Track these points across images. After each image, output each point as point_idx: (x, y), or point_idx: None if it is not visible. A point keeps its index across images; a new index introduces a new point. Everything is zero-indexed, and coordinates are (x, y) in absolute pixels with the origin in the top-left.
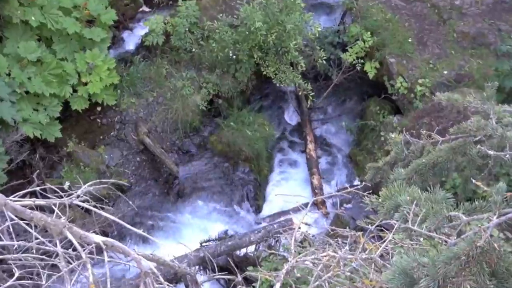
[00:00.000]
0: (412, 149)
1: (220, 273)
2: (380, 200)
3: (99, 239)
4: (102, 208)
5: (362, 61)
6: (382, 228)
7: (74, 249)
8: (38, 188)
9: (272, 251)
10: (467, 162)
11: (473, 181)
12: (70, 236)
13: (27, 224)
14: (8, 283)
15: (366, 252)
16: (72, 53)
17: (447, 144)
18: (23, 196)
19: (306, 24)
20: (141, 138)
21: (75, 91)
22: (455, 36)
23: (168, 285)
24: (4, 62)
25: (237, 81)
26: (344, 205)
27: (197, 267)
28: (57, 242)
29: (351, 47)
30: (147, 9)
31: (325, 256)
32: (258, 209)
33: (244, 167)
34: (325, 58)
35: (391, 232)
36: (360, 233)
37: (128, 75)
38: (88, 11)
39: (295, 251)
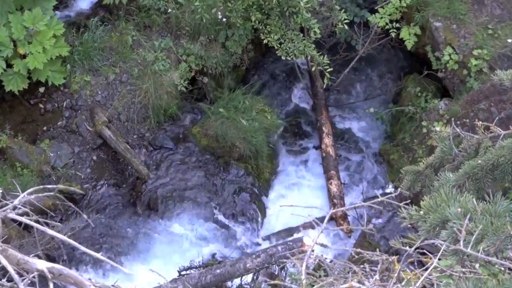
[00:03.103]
0: (464, 146)
1: None
2: (421, 213)
3: (43, 265)
4: (47, 224)
5: (397, 25)
6: (424, 251)
7: (10, 279)
8: None
9: (276, 281)
10: None
11: None
12: (4, 261)
13: None
14: None
15: (403, 284)
16: (5, 14)
17: None
18: None
19: None
20: (99, 130)
21: (9, 66)
22: None
23: None
24: None
25: (229, 53)
26: (373, 220)
27: None
28: None
29: (382, 7)
30: None
31: None
32: (256, 226)
33: (238, 168)
34: (347, 21)
35: (436, 256)
36: (394, 257)
37: (81, 45)
38: None
39: (306, 282)
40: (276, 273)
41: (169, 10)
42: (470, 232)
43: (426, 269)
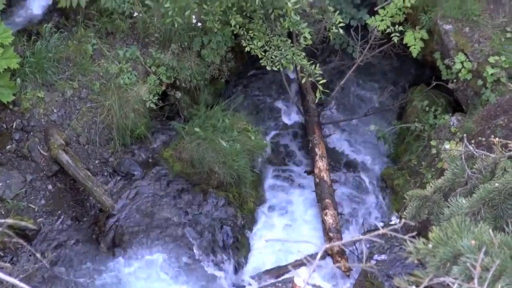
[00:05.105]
0: (478, 166)
1: None
2: (430, 246)
3: None
4: None
5: (400, 29)
6: None
7: None
8: None
9: None
10: None
11: None
12: None
13: None
14: None
15: None
16: None
17: None
18: None
19: None
20: (55, 154)
21: None
22: None
23: None
24: None
25: (205, 63)
26: (375, 256)
27: None
28: None
29: (382, 8)
30: None
31: None
32: (239, 264)
33: (217, 198)
34: (342, 25)
35: None
36: None
37: (33, 55)
38: None
39: None
40: None
41: (135, 14)
42: (486, 268)
43: None
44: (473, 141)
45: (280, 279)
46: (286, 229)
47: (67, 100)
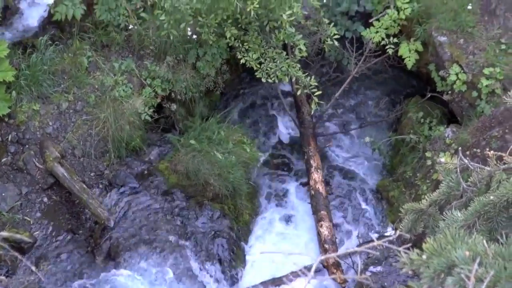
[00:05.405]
0: (473, 179)
1: None
2: (424, 257)
3: None
4: None
5: (395, 41)
6: None
7: None
8: None
9: None
10: None
11: None
12: None
13: None
14: None
15: None
16: None
17: None
18: None
19: None
20: (50, 167)
21: None
22: None
23: None
24: None
25: (200, 75)
26: (371, 267)
27: None
28: None
29: (377, 20)
30: None
31: None
32: (234, 276)
33: (212, 210)
34: (337, 37)
35: None
36: None
37: (28, 68)
38: None
39: None
40: None
41: (131, 27)
42: (480, 279)
43: None
44: (468, 153)
45: None
46: (281, 240)
47: (62, 113)
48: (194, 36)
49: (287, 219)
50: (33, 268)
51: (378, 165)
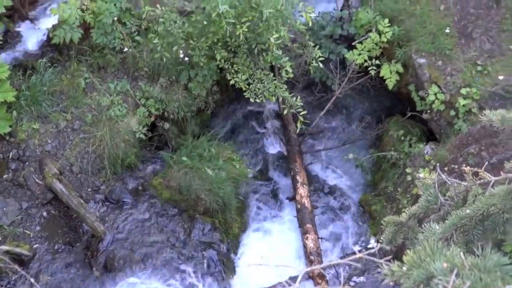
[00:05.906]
0: (451, 194)
1: None
2: (404, 269)
3: None
4: None
5: (377, 62)
6: None
7: None
8: None
9: None
10: None
11: None
12: None
13: None
14: None
15: None
16: None
17: (503, 186)
18: None
19: (293, 9)
20: (49, 183)
21: None
22: None
23: None
24: None
25: (192, 95)
26: (354, 278)
27: None
28: None
29: (360, 43)
30: None
31: None
32: (225, 287)
33: (203, 223)
34: (322, 59)
35: None
36: None
37: (28, 89)
38: None
39: None
40: None
41: (125, 49)
42: None
43: None
44: (446, 168)
45: None
46: (269, 253)
47: (60, 131)
48: (186, 58)
49: (274, 232)
50: (32, 280)
51: (361, 181)
